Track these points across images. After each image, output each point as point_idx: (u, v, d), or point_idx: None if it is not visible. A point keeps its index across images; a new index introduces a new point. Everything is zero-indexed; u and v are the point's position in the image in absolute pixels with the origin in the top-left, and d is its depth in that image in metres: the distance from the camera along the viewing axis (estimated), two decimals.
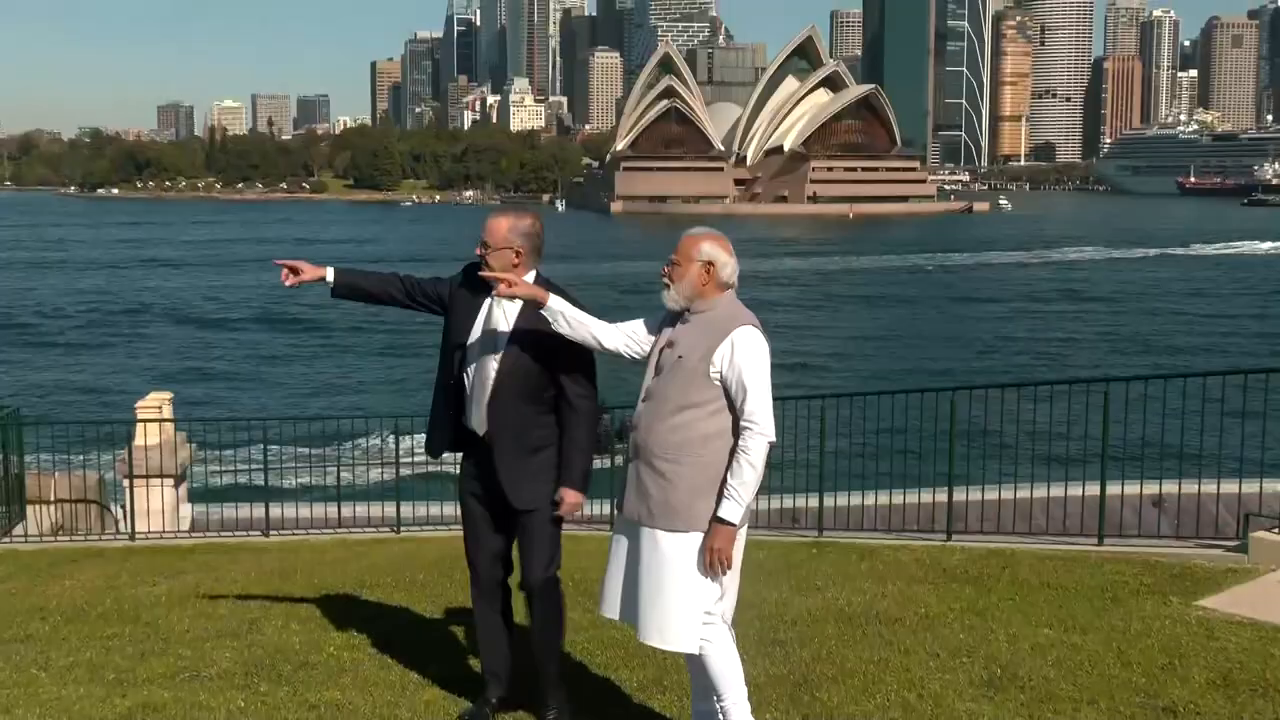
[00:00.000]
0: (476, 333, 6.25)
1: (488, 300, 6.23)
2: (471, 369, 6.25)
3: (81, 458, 18.14)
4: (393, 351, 65.62)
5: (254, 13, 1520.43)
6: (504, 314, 6.18)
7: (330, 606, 9.38)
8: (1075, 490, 13.83)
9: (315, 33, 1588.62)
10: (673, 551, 5.57)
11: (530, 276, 6.14)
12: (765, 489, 5.86)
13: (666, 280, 5.74)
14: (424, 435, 6.70)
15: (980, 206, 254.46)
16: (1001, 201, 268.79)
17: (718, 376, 5.54)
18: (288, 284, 6.55)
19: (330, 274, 6.51)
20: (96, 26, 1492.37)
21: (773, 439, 5.52)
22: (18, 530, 15.51)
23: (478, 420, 6.21)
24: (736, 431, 5.55)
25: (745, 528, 5.76)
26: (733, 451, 5.53)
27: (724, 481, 5.52)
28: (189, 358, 64.57)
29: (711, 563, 5.54)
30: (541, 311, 6.01)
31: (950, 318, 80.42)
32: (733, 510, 5.52)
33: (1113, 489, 12.02)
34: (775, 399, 5.68)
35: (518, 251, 6.16)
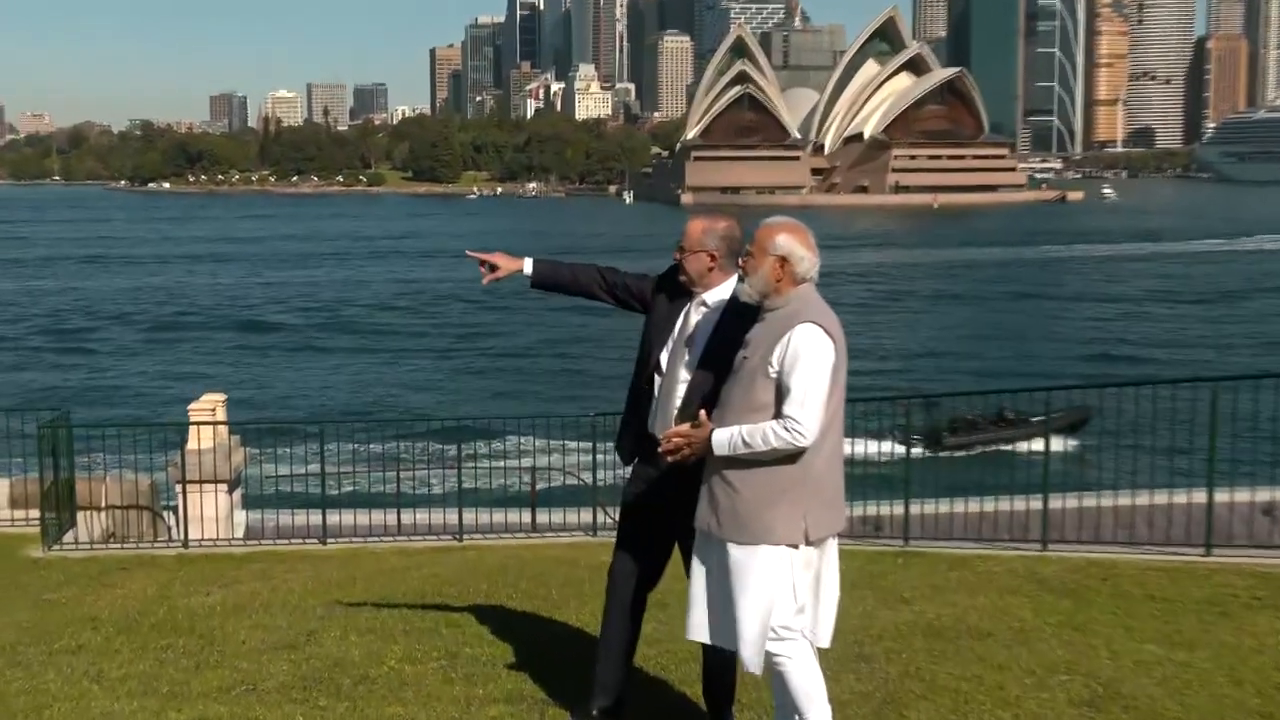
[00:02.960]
0: (672, 338, 6.27)
1: (686, 305, 6.25)
2: (662, 374, 6.28)
3: (133, 462, 18.37)
4: (454, 355, 66.03)
5: None
6: (702, 320, 6.18)
7: (391, 617, 9.43)
8: (1180, 497, 13.61)
9: (372, 19, 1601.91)
10: (740, 563, 5.56)
11: (730, 282, 6.11)
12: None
13: (742, 273, 5.73)
14: (486, 441, 6.72)
15: (1074, 196, 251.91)
16: (1105, 191, 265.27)
17: (776, 376, 5.52)
18: (485, 282, 6.62)
19: (529, 266, 6.56)
20: (147, 15, 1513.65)
21: (807, 445, 5.45)
22: (68, 537, 15.71)
23: (661, 427, 6.14)
24: None
25: (836, 540, 5.73)
26: (800, 456, 5.49)
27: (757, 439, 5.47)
28: (243, 359, 65.30)
29: (669, 438, 5.68)
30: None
31: (1043, 314, 79.67)
32: (723, 439, 5.53)
33: (1220, 496, 11.87)
34: (854, 400, 5.63)
35: (712, 255, 6.17)
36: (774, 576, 5.52)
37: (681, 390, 6.13)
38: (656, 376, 6.28)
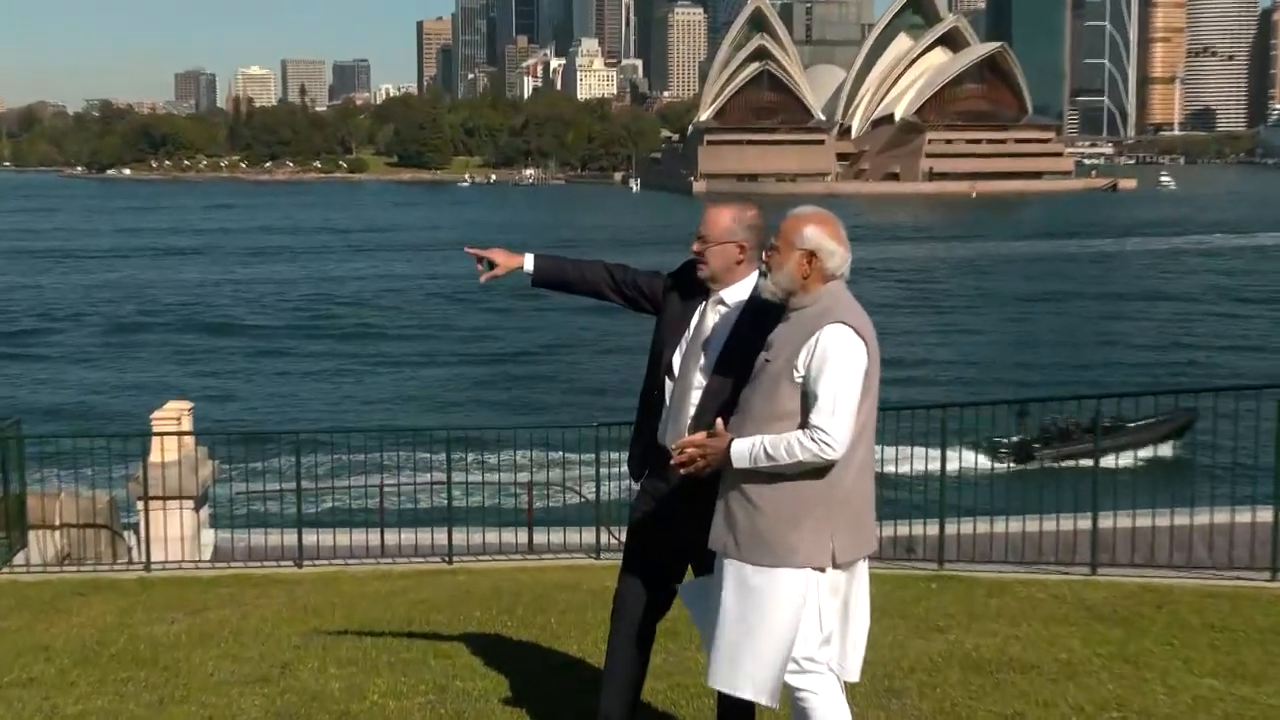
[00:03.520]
0: (686, 340, 6.25)
1: (701, 303, 6.25)
2: (675, 380, 6.26)
3: (90, 476, 18.40)
4: (443, 359, 66.05)
5: None
6: (720, 320, 6.17)
7: (374, 647, 9.44)
8: (1243, 516, 13.63)
9: None
10: (760, 588, 5.54)
11: (751, 279, 6.09)
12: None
13: (765, 267, 5.72)
14: (478, 454, 6.72)
15: (1127, 184, 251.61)
16: (1163, 178, 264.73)
17: (802, 381, 5.49)
18: (483, 280, 6.62)
19: (529, 262, 6.57)
20: None
21: (836, 458, 5.42)
22: (19, 559, 15.74)
23: (673, 437, 6.10)
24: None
25: (866, 563, 5.72)
26: (828, 470, 5.47)
27: (781, 449, 5.44)
28: (211, 363, 65.36)
29: (682, 449, 5.64)
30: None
31: (1092, 315, 79.58)
32: (743, 450, 5.50)
33: None
34: (886, 408, 5.61)
35: (741, 247, 6.14)
36: (797, 602, 5.50)
37: (696, 397, 6.12)
38: (668, 381, 6.27)
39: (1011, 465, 30.82)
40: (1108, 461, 24.40)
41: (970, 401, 16.85)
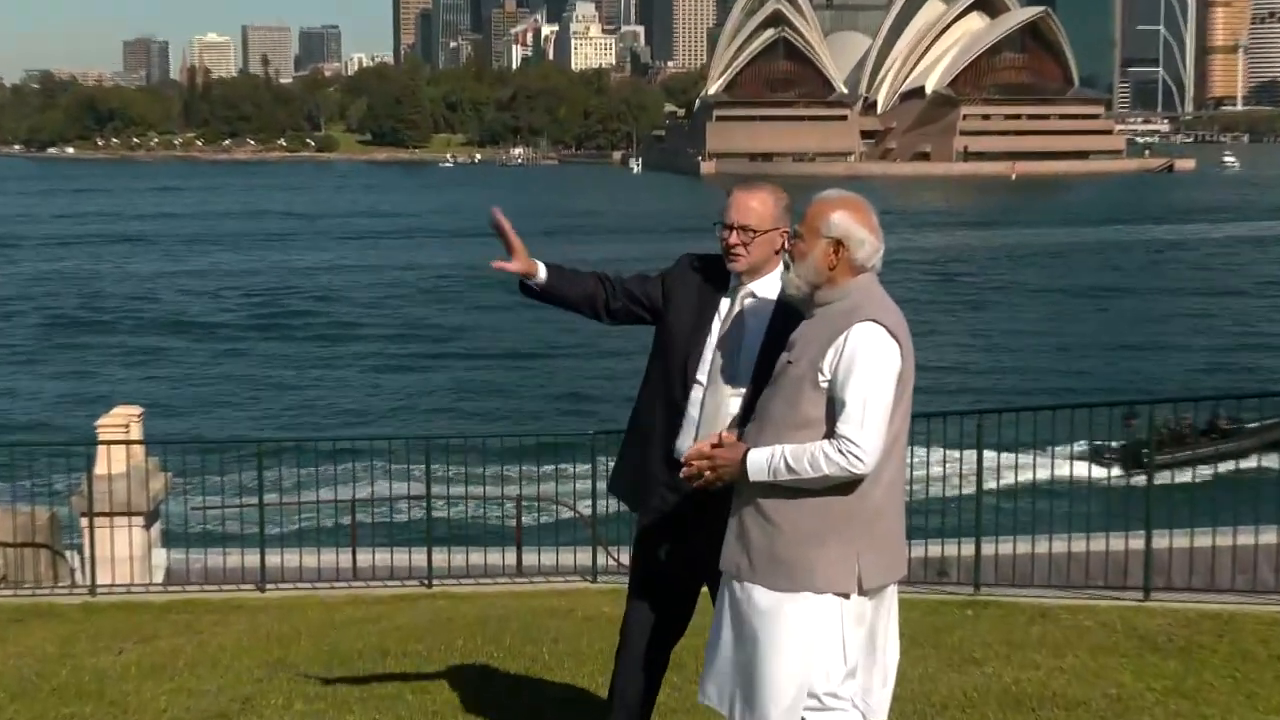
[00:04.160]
0: (710, 340, 6.21)
1: (724, 299, 6.22)
2: (700, 387, 6.22)
3: (29, 490, 18.41)
4: (422, 360, 66.03)
5: None
6: (753, 316, 6.14)
7: (345, 681, 9.44)
8: None
9: None
10: (776, 614, 5.51)
11: (779, 270, 6.08)
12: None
13: (787, 259, 5.70)
14: (461, 466, 6.67)
15: (1184, 164, 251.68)
16: (1226, 157, 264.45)
17: (828, 385, 5.45)
18: (495, 266, 6.46)
19: (543, 273, 6.41)
20: None
21: (865, 472, 5.36)
22: None
23: None
24: None
25: (895, 588, 5.71)
26: (855, 485, 5.43)
27: (802, 458, 5.39)
28: (163, 364, 65.30)
29: (690, 459, 5.63)
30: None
31: (1146, 311, 79.54)
32: (761, 461, 5.45)
33: None
34: (916, 415, 5.57)
35: (785, 233, 6.09)
36: (818, 631, 5.47)
37: (734, 404, 6.08)
38: (695, 389, 6.21)
39: (1114, 473, 31.06)
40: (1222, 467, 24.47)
41: (1009, 407, 16.87)
